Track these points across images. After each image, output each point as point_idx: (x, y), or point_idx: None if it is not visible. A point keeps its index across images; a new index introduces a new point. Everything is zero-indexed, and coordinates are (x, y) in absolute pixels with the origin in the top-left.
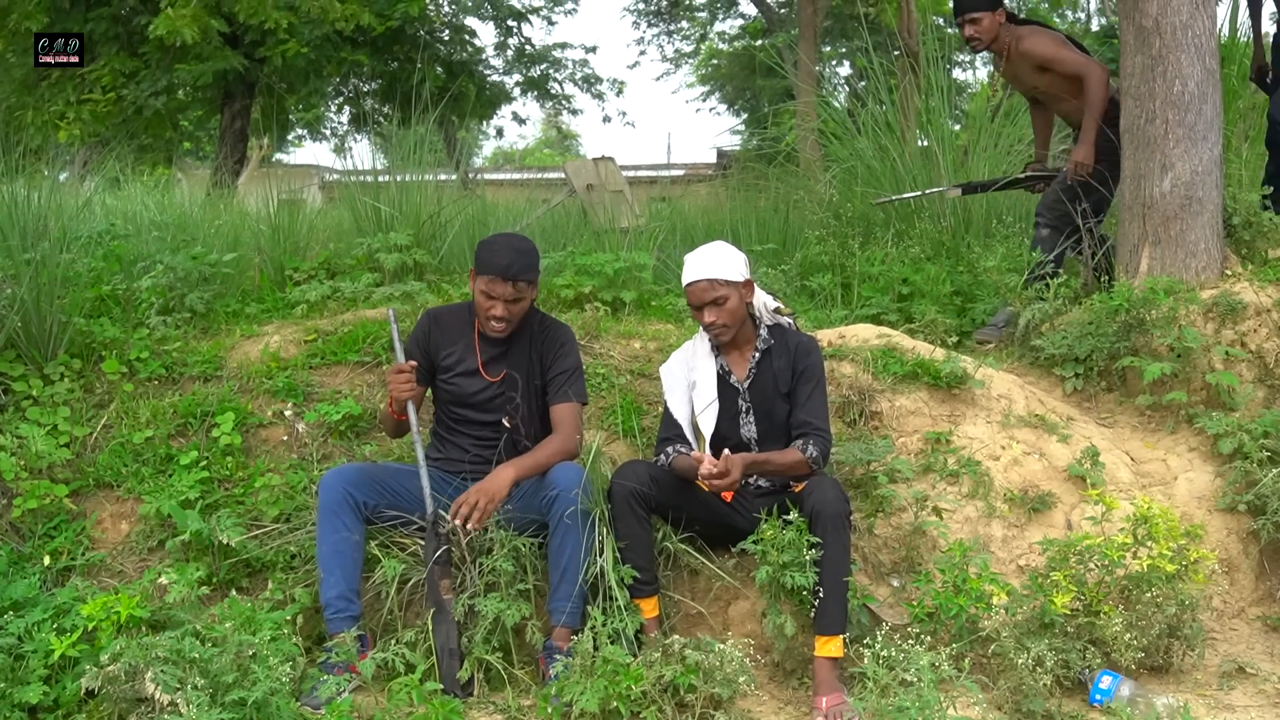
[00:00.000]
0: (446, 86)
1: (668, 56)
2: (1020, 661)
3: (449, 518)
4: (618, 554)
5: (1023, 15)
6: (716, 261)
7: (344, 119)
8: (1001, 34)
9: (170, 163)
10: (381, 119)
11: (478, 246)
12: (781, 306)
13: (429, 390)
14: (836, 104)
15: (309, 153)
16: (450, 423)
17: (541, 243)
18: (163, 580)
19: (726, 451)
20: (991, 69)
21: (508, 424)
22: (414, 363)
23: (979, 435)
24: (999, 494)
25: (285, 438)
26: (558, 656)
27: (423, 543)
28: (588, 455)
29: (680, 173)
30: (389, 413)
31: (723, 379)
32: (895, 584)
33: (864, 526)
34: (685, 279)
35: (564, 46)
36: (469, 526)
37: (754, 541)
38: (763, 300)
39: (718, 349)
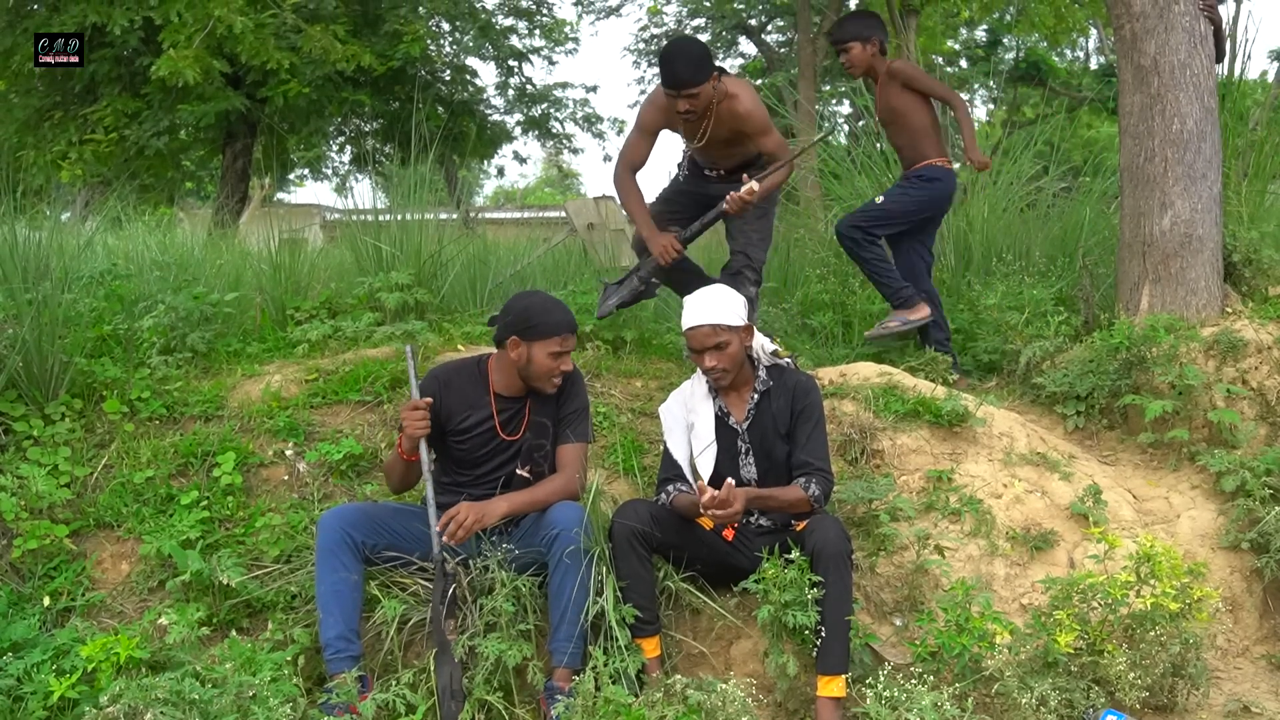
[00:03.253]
0: (447, 126)
1: None
2: (1024, 701)
3: (437, 529)
4: (619, 593)
5: (1021, 55)
6: (718, 306)
7: (345, 158)
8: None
9: (172, 202)
10: (382, 158)
11: (527, 313)
12: (779, 350)
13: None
14: (836, 142)
15: (310, 192)
16: (458, 474)
17: (542, 282)
18: (163, 621)
19: (730, 480)
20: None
21: (529, 474)
22: (429, 399)
23: (981, 473)
24: (1001, 532)
25: (286, 477)
26: (559, 697)
27: (424, 583)
28: (588, 494)
29: None
30: (398, 454)
31: (721, 420)
32: (898, 623)
33: (866, 565)
34: (686, 323)
35: (565, 86)
36: (446, 538)
37: (755, 580)
38: (761, 343)
39: (716, 391)
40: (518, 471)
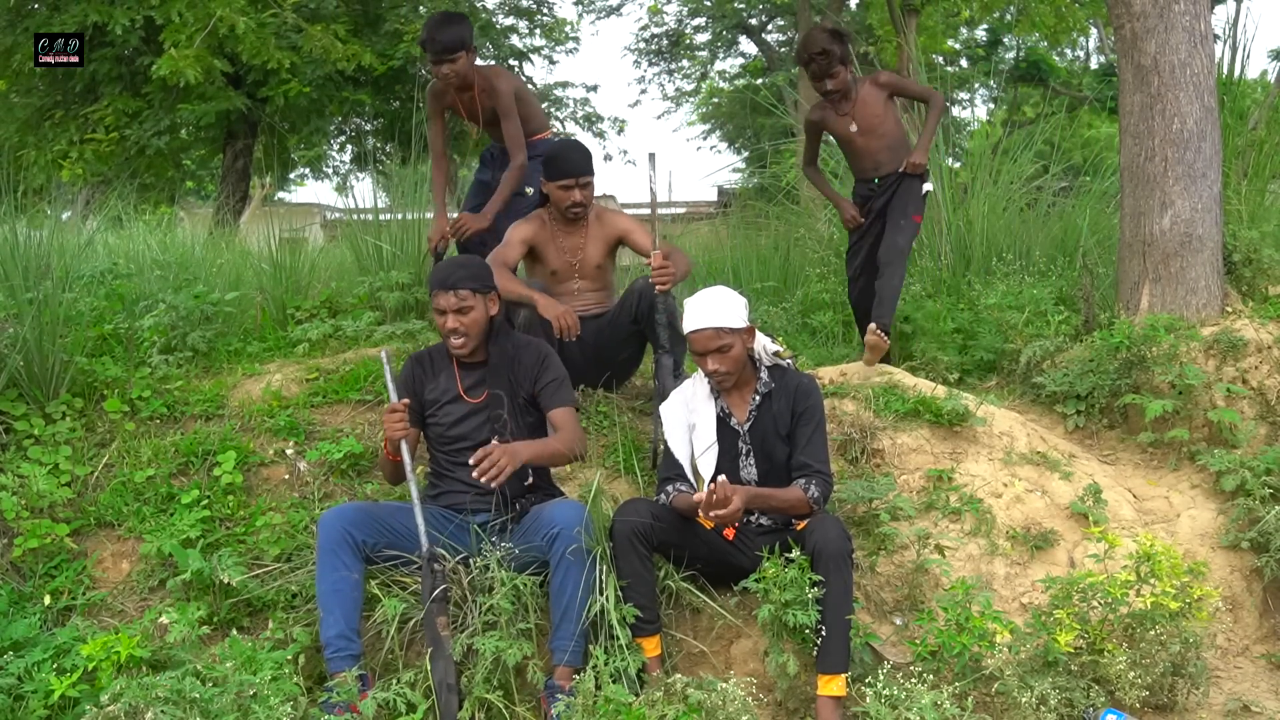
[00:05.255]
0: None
1: (668, 95)
2: (1024, 700)
3: (471, 466)
4: (619, 592)
5: (1022, 55)
6: (721, 309)
7: (346, 158)
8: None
9: (172, 202)
10: (383, 158)
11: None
12: (781, 350)
13: (421, 435)
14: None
15: (311, 191)
16: (447, 461)
17: None
18: (163, 620)
19: (723, 478)
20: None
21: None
22: (407, 401)
23: (981, 473)
24: (1001, 531)
25: (287, 476)
26: (560, 696)
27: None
28: (589, 494)
29: (681, 211)
30: (386, 456)
31: (723, 421)
32: (898, 622)
33: (866, 564)
34: (688, 326)
35: (565, 85)
36: (485, 480)
37: (756, 580)
38: (762, 343)
39: (718, 391)
40: (495, 442)
